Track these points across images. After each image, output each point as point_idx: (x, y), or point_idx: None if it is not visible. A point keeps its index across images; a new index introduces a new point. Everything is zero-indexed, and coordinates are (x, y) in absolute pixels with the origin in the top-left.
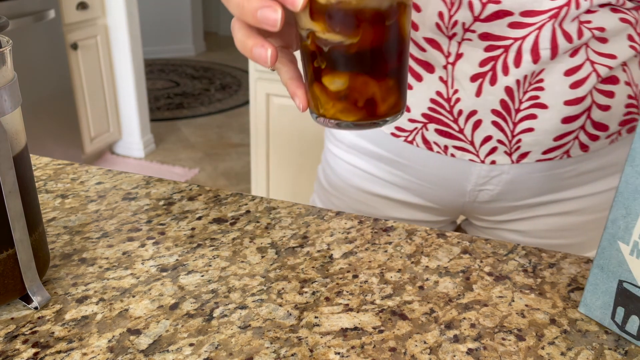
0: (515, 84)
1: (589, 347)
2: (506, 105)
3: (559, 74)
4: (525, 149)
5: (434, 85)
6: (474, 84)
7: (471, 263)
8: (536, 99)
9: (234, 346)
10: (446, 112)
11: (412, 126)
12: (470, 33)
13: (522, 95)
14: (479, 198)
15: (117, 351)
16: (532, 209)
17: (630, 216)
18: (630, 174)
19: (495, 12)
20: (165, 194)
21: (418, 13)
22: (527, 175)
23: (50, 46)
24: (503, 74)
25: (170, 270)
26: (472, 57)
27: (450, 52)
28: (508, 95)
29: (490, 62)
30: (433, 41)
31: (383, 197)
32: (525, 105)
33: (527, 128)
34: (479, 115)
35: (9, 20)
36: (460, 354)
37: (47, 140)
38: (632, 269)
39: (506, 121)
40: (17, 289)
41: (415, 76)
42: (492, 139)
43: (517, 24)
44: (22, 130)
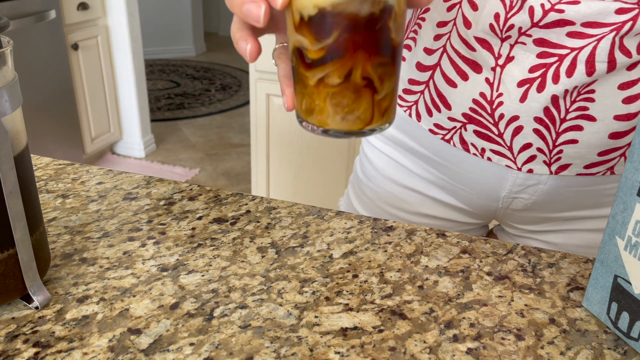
0: (563, 93)
1: (589, 346)
2: (551, 114)
3: (613, 86)
4: (566, 160)
5: (479, 86)
6: (520, 89)
7: (471, 263)
8: (584, 110)
9: (234, 346)
10: (487, 115)
11: (451, 125)
12: (526, 37)
13: (569, 105)
14: (512, 205)
15: (118, 351)
16: (568, 222)
17: (627, 211)
18: (629, 170)
19: (556, 20)
20: (165, 194)
21: (474, 11)
22: (566, 188)
23: (51, 46)
24: (553, 82)
25: (171, 270)
26: (523, 61)
27: (500, 54)
28: (554, 104)
29: (541, 68)
30: (484, 41)
31: (417, 192)
32: (572, 116)
33: (571, 139)
34: (521, 122)
35: (10, 21)
36: (459, 354)
37: (48, 141)
38: (625, 263)
39: (549, 130)
40: (18, 289)
41: (461, 74)
42: (532, 146)
43: (577, 33)
44: (23, 130)
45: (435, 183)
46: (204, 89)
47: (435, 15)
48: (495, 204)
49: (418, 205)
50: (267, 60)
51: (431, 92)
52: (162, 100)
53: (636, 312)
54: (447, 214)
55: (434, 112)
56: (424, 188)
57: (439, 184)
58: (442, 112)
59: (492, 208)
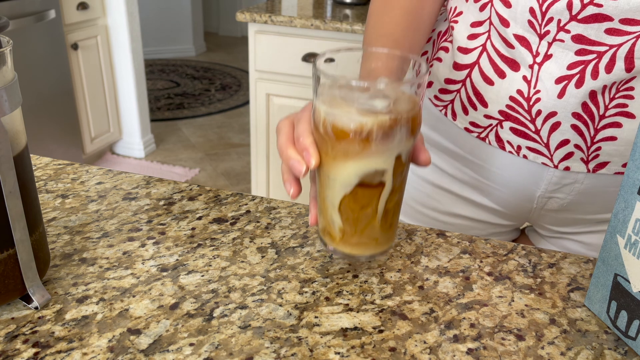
0: (602, 89)
1: (589, 347)
2: (589, 109)
3: None
4: (604, 158)
5: (516, 83)
6: (557, 85)
7: (471, 263)
8: (624, 107)
9: (234, 346)
10: (524, 111)
11: (487, 122)
12: (564, 33)
13: (608, 102)
14: (547, 206)
15: (117, 351)
16: (602, 223)
17: (627, 209)
18: (631, 168)
19: (594, 14)
20: (165, 194)
21: (508, 8)
22: (603, 188)
23: (51, 46)
24: (592, 78)
25: (171, 270)
26: (562, 59)
27: (539, 52)
28: (592, 99)
29: (579, 65)
30: (523, 39)
31: (449, 191)
32: (611, 113)
33: (610, 136)
34: (558, 117)
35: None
36: (460, 354)
37: (48, 141)
38: (625, 262)
39: (587, 126)
40: (17, 289)
41: (498, 72)
42: (569, 143)
43: (615, 30)
44: (23, 130)
45: (468, 183)
46: (203, 88)
47: (468, 16)
48: (530, 204)
49: (451, 205)
50: (267, 60)
51: (468, 90)
52: (161, 100)
53: (634, 310)
54: (480, 215)
55: (469, 110)
56: (457, 188)
57: (472, 184)
58: (478, 110)
59: (527, 209)
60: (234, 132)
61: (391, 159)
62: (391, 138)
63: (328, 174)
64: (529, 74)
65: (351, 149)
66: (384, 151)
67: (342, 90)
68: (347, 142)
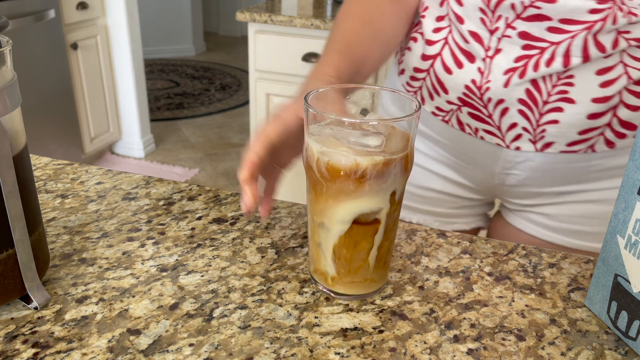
0: (541, 79)
1: (589, 347)
2: (533, 96)
3: (591, 72)
4: (550, 139)
5: (471, 74)
6: (504, 76)
7: (471, 263)
8: (565, 93)
9: (234, 346)
10: (477, 99)
11: (449, 107)
12: (511, 30)
13: (550, 89)
14: (507, 182)
15: (117, 351)
16: (558, 196)
17: (628, 210)
18: (630, 168)
19: (536, 14)
20: (165, 194)
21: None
22: (552, 164)
23: (50, 46)
24: (533, 70)
25: (170, 270)
26: (510, 53)
27: (490, 47)
28: (535, 87)
29: (524, 59)
30: (476, 35)
31: (423, 167)
32: (554, 98)
33: (553, 120)
34: (506, 104)
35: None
36: (460, 354)
37: (47, 140)
38: (625, 262)
39: (532, 111)
40: (17, 289)
41: (457, 63)
42: (518, 126)
43: (556, 29)
44: (22, 130)
45: (439, 160)
46: (203, 88)
47: (433, 11)
48: (492, 181)
49: (424, 180)
50: (267, 60)
51: (432, 78)
52: (161, 100)
53: (634, 311)
54: (452, 190)
55: (434, 96)
56: (429, 165)
57: (443, 161)
58: (441, 96)
59: (490, 184)
60: (233, 132)
61: (386, 197)
62: (386, 177)
63: (321, 213)
64: (482, 65)
65: (346, 188)
66: (378, 190)
67: (334, 128)
68: (341, 182)
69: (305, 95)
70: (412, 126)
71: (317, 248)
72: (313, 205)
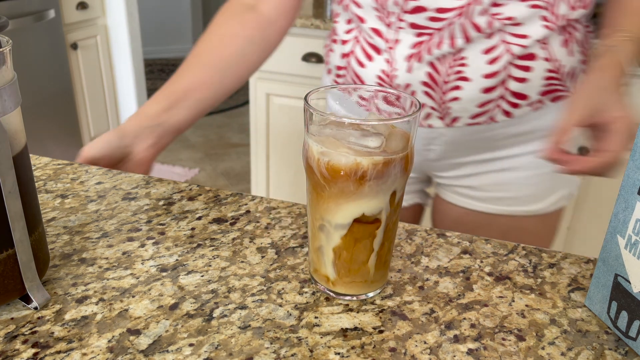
0: (438, 61)
1: (589, 347)
2: (433, 78)
3: (478, 52)
4: (455, 114)
5: (381, 64)
6: (406, 62)
7: (471, 263)
8: (460, 73)
9: (234, 346)
10: (389, 86)
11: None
12: (403, 22)
13: (448, 70)
14: (429, 157)
15: (117, 351)
16: (477, 165)
17: (628, 210)
18: (630, 168)
19: (416, 7)
20: (165, 194)
21: (360, 8)
22: (462, 137)
23: (50, 46)
24: (427, 54)
25: (170, 271)
26: (407, 41)
27: (389, 39)
28: (434, 70)
29: (419, 45)
30: (377, 31)
31: None
32: (452, 79)
33: (454, 97)
34: (413, 87)
35: (9, 20)
36: (460, 354)
37: (47, 140)
38: (625, 262)
39: (435, 91)
40: (17, 289)
41: (367, 57)
42: (426, 106)
43: (435, 18)
44: (22, 130)
45: None
46: None
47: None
48: (418, 157)
49: None
50: (267, 60)
51: (350, 73)
52: None
53: (634, 311)
54: None
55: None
56: None
57: None
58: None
59: (417, 161)
60: (233, 132)
61: (386, 197)
62: (386, 177)
63: (321, 216)
64: (388, 56)
65: (346, 189)
66: (378, 190)
67: (334, 129)
68: (342, 182)
69: (305, 95)
70: (412, 126)
71: (317, 250)
72: (313, 207)
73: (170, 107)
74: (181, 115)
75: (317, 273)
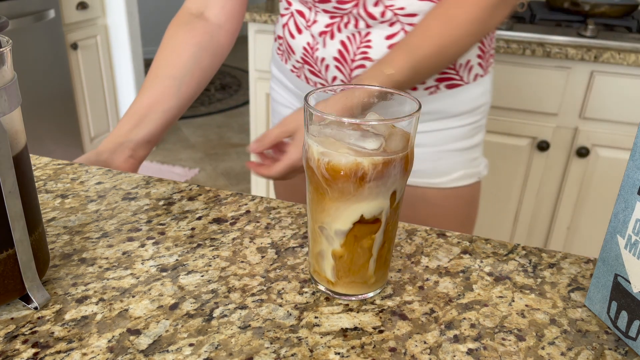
0: (347, 39)
1: (589, 347)
2: (343, 55)
3: (382, 37)
4: None
5: (306, 38)
6: (321, 37)
7: (471, 263)
8: (365, 54)
9: (234, 346)
10: (311, 57)
11: (298, 65)
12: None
13: (356, 49)
14: None
15: (117, 351)
16: None
17: (628, 210)
18: (630, 168)
19: None
20: (165, 194)
21: None
22: None
23: (50, 46)
24: (338, 32)
25: (170, 270)
26: (322, 22)
27: (309, 19)
28: (344, 48)
29: (332, 25)
30: (301, 12)
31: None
32: (358, 57)
33: None
34: (327, 61)
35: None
36: (460, 354)
37: (47, 140)
38: (625, 262)
39: (344, 66)
40: (17, 289)
41: (298, 30)
42: (337, 79)
43: (337, 7)
44: (22, 130)
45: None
46: None
47: None
48: None
49: None
50: (267, 60)
51: (285, 43)
52: None
53: (634, 311)
54: None
55: (291, 56)
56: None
57: None
58: (291, 57)
59: None
60: (233, 132)
61: (386, 197)
62: (386, 177)
63: (322, 218)
64: (310, 33)
65: (346, 189)
66: (378, 191)
67: (334, 129)
68: (342, 182)
69: (305, 96)
70: (412, 126)
71: (317, 250)
72: (314, 208)
73: (138, 124)
74: (149, 129)
75: (317, 273)
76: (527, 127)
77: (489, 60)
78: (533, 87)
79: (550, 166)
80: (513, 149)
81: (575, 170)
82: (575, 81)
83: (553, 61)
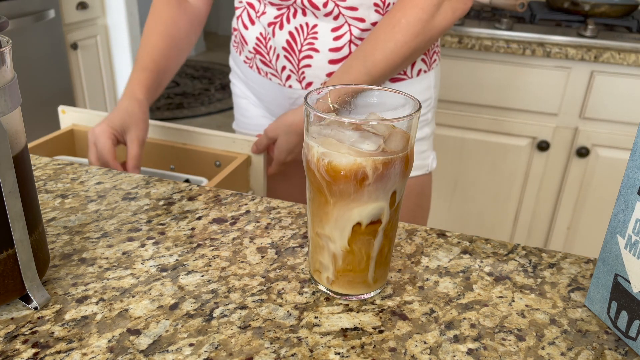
0: (295, 30)
1: (589, 347)
2: (291, 45)
3: (327, 30)
4: (309, 79)
5: (259, 29)
6: (269, 27)
7: (471, 263)
8: (312, 44)
9: (234, 346)
10: (263, 47)
11: (251, 55)
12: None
13: (303, 40)
14: None
15: (117, 351)
16: None
17: (628, 210)
18: (630, 168)
19: None
20: (165, 194)
21: None
22: None
23: (50, 46)
24: (287, 22)
25: (170, 270)
26: (270, 14)
27: (259, 10)
28: (292, 38)
29: (280, 16)
30: (251, 4)
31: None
32: (305, 48)
33: (307, 64)
34: (277, 51)
35: (9, 20)
36: (460, 354)
37: None
38: (625, 262)
39: (292, 56)
40: (17, 289)
41: (250, 21)
42: (286, 68)
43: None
44: (22, 130)
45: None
46: (203, 88)
47: None
48: None
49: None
50: None
51: (239, 34)
52: (161, 99)
53: (634, 311)
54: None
55: (244, 47)
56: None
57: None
58: (245, 49)
59: None
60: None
61: (386, 197)
62: (386, 177)
63: (322, 215)
64: (261, 24)
65: (346, 190)
66: (378, 191)
67: (334, 129)
68: (342, 182)
69: (305, 96)
70: (412, 126)
71: (317, 251)
72: (314, 209)
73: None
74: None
75: (317, 273)
76: (527, 127)
77: (432, 57)
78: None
79: (550, 166)
80: (513, 149)
81: (575, 170)
82: (575, 81)
83: (553, 61)
